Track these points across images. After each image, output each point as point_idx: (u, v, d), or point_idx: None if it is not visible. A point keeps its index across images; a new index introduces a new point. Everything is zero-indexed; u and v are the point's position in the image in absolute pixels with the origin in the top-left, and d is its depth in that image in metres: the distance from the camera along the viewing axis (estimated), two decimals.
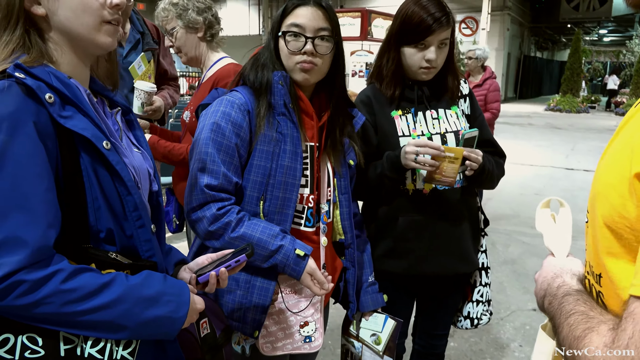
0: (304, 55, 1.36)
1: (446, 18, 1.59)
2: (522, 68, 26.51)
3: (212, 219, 1.32)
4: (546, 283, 0.86)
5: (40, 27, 0.93)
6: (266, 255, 1.33)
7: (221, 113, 1.35)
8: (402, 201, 1.68)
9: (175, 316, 0.94)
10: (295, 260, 1.34)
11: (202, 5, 2.11)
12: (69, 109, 0.90)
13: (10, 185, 0.81)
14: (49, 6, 0.92)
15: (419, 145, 1.53)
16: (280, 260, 1.34)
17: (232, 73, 2.05)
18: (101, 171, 0.93)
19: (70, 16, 0.92)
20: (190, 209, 1.35)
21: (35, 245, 0.82)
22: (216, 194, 1.32)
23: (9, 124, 0.82)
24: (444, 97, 1.74)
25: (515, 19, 23.31)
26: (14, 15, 0.89)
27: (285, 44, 1.37)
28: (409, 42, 1.63)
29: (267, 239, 1.33)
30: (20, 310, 0.83)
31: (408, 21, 1.61)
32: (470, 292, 1.86)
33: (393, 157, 1.61)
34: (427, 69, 1.64)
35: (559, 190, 6.64)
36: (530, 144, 10.78)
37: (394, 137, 1.68)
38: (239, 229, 1.32)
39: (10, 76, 0.85)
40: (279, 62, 1.40)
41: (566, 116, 17.89)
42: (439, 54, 1.63)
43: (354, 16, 10.67)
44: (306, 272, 1.35)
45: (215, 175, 1.32)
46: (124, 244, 0.98)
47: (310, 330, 1.44)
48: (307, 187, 1.43)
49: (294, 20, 1.36)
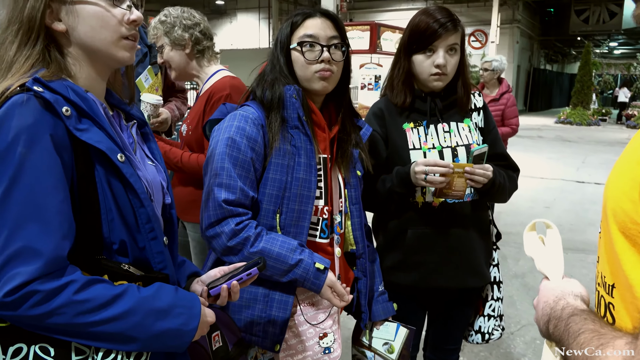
0: (322, 64, 1.39)
1: (452, 23, 1.62)
2: (532, 81, 26.43)
3: (230, 235, 1.31)
4: (549, 307, 0.83)
5: (59, 42, 0.96)
6: (285, 270, 1.33)
7: (235, 128, 1.36)
8: (412, 214, 1.69)
9: (186, 329, 0.95)
10: (315, 274, 1.34)
11: (190, 22, 2.12)
12: (85, 122, 0.92)
13: (26, 196, 0.83)
14: (69, 22, 0.94)
15: (428, 164, 1.55)
16: (300, 274, 1.34)
17: (228, 86, 2.07)
18: (115, 183, 0.95)
19: (90, 32, 0.95)
20: (208, 224, 1.33)
21: (50, 256, 0.84)
22: (234, 209, 1.32)
23: (27, 137, 0.84)
24: (456, 109, 1.75)
25: (525, 31, 23.32)
26: (35, 30, 0.92)
27: (301, 54, 1.39)
28: (417, 49, 1.65)
29: (287, 253, 1.33)
30: (34, 320, 0.84)
31: (416, 29, 1.65)
32: (482, 306, 1.85)
33: (402, 173, 1.62)
34: (437, 76, 1.65)
35: (569, 204, 6.59)
36: (540, 156, 10.72)
37: (404, 150, 1.69)
38: (257, 244, 1.32)
39: (29, 90, 0.87)
40: (291, 75, 1.41)
41: (577, 129, 17.79)
42: (448, 59, 1.64)
43: (363, 29, 10.74)
44: (326, 285, 1.36)
45: (233, 190, 1.32)
46: (137, 256, 0.99)
47: (329, 342, 1.45)
48: (321, 198, 1.44)
49: (305, 31, 1.39)
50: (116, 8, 0.96)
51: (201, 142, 2.07)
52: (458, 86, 1.73)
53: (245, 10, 25.16)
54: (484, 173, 1.58)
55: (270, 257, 1.32)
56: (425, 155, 1.68)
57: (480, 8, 20.83)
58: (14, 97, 0.86)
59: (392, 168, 1.68)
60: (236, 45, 24.81)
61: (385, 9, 22.79)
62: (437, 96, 1.72)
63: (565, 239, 5.05)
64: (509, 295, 3.76)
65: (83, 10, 0.94)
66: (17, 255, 0.82)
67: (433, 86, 1.68)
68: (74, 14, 0.94)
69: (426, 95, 1.72)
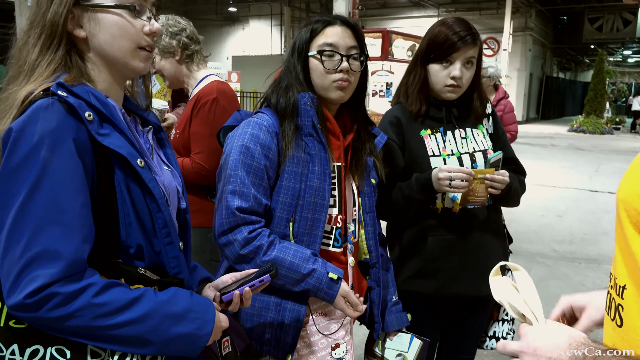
0: (340, 74, 1.38)
1: (471, 37, 1.63)
2: (545, 89, 26.29)
3: (243, 243, 1.30)
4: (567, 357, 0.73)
5: (79, 48, 0.98)
6: (298, 279, 1.32)
7: (249, 135, 1.35)
8: (431, 220, 1.69)
9: (200, 333, 0.95)
10: (328, 284, 1.33)
11: (175, 29, 2.13)
12: (107, 127, 0.94)
13: (49, 199, 0.85)
14: (90, 29, 0.96)
15: (452, 171, 1.56)
16: (312, 284, 1.32)
17: (215, 90, 2.08)
18: (134, 188, 0.96)
19: (109, 40, 0.97)
20: (221, 232, 1.32)
21: (70, 259, 0.85)
22: (247, 217, 1.31)
23: (51, 141, 0.86)
24: (469, 117, 1.77)
25: (538, 39, 23.22)
26: (57, 35, 0.93)
27: (320, 63, 1.38)
28: (435, 59, 1.67)
29: (299, 262, 1.32)
30: (53, 322, 0.85)
31: (434, 39, 1.66)
32: (497, 311, 1.86)
33: (423, 180, 1.62)
34: (452, 87, 1.66)
35: (582, 213, 6.52)
36: (552, 165, 10.64)
37: (424, 157, 1.69)
38: (270, 253, 1.31)
39: (53, 94, 0.89)
40: (306, 83, 1.41)
41: (590, 137, 17.64)
42: (464, 72, 1.66)
43: (374, 37, 10.75)
44: (340, 295, 1.34)
45: (246, 198, 1.31)
46: (153, 260, 1.00)
47: (341, 352, 1.43)
48: (335, 207, 1.43)
49: (325, 39, 1.39)
50: (137, 19, 0.98)
51: (187, 145, 2.08)
52: (474, 98, 1.75)
53: (257, 18, 25.33)
54: (502, 179, 1.60)
55: (283, 266, 1.30)
56: (445, 162, 1.69)
57: (493, 15, 20.79)
58: (39, 101, 0.88)
59: (411, 175, 1.68)
60: (248, 51, 24.96)
61: (397, 16, 22.83)
62: (452, 105, 1.74)
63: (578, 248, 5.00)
64: None
65: (105, 18, 0.96)
66: (38, 257, 0.83)
67: (446, 97, 1.70)
68: (95, 21, 0.96)
69: (440, 103, 1.73)
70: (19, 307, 0.83)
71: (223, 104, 2.08)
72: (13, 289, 0.83)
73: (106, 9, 0.95)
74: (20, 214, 0.84)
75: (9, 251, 0.84)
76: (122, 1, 0.96)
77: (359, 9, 10.84)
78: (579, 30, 23.79)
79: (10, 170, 0.85)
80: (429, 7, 21.41)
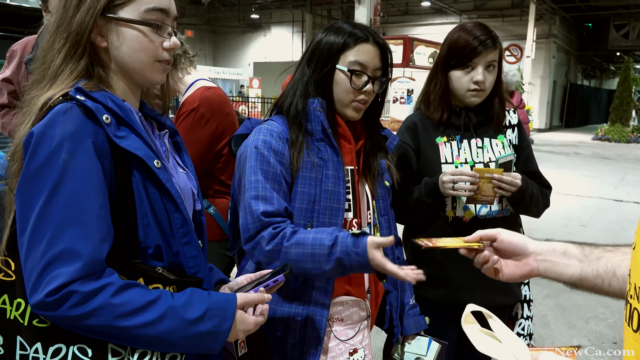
0: (362, 95, 1.38)
1: (492, 40, 1.63)
2: (569, 96, 25.92)
3: (268, 239, 1.28)
4: None
5: (100, 56, 1.00)
6: (326, 254, 1.24)
7: (262, 142, 1.35)
8: (442, 228, 1.67)
9: (219, 330, 0.96)
10: (354, 243, 1.22)
11: None
12: (124, 130, 0.96)
13: (69, 201, 0.87)
14: (111, 40, 0.99)
15: (455, 174, 1.56)
16: (340, 250, 1.23)
17: (197, 99, 2.05)
18: (151, 189, 0.98)
19: (129, 52, 0.99)
20: (247, 237, 1.31)
21: (89, 258, 0.87)
22: (272, 219, 1.30)
23: (70, 143, 0.88)
24: (490, 125, 1.75)
25: (562, 46, 22.94)
26: (82, 44, 0.96)
27: (348, 79, 1.36)
28: (456, 65, 1.66)
29: (321, 235, 1.26)
30: (72, 320, 0.87)
31: (454, 45, 1.65)
32: (512, 325, 1.82)
33: (431, 184, 1.62)
34: (475, 92, 1.65)
35: (606, 222, 6.40)
36: (576, 173, 10.47)
37: (437, 164, 1.69)
38: (293, 237, 1.27)
39: (72, 98, 0.91)
40: (321, 89, 1.39)
41: (615, 146, 17.31)
42: (487, 76, 1.65)
43: (396, 43, 10.76)
44: (370, 247, 1.21)
45: (270, 202, 1.30)
46: (171, 260, 1.01)
47: (359, 358, 1.43)
48: (350, 211, 1.43)
49: (357, 57, 1.36)
50: (157, 35, 1.01)
51: None
52: (495, 102, 1.73)
53: (279, 24, 25.55)
54: (511, 181, 1.58)
55: (307, 245, 1.25)
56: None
57: (516, 22, 20.62)
58: (58, 106, 0.91)
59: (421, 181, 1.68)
60: (269, 58, 25.17)
61: (419, 23, 22.79)
62: (471, 110, 1.72)
63: None
64: (542, 315, 3.66)
65: (127, 32, 0.98)
66: (58, 256, 0.85)
67: (470, 102, 1.69)
68: (117, 33, 0.98)
69: (461, 110, 1.72)
70: (40, 306, 0.85)
71: (202, 112, 2.04)
72: (35, 288, 0.85)
73: (129, 24, 0.98)
74: (41, 215, 0.86)
75: (31, 251, 0.86)
76: (145, 18, 0.98)
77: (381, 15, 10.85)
78: (604, 37, 23.43)
79: (32, 173, 0.87)
80: (450, 13, 21.33)
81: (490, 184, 1.57)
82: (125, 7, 0.97)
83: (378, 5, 10.48)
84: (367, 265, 1.22)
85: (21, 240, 0.88)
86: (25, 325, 0.92)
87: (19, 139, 0.93)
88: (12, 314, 0.94)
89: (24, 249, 0.87)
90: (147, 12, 0.98)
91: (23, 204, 0.88)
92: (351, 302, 1.43)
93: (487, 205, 1.68)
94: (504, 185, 1.58)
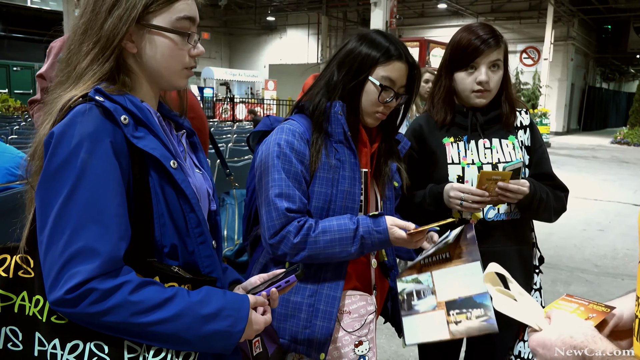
0: (384, 107, 1.44)
1: (494, 39, 1.60)
2: (587, 99, 25.60)
3: (295, 232, 1.36)
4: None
5: (126, 61, 1.01)
6: (352, 236, 1.37)
7: (284, 141, 1.40)
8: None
9: (233, 330, 0.97)
10: (374, 222, 1.39)
11: None
12: (141, 130, 0.97)
13: (88, 199, 0.88)
14: (141, 46, 1.00)
15: (464, 191, 1.55)
16: (362, 230, 1.38)
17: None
18: (167, 189, 0.99)
19: (160, 59, 1.01)
20: (272, 233, 1.38)
21: (107, 256, 0.88)
22: (295, 215, 1.38)
23: (89, 143, 0.90)
24: (499, 125, 1.72)
25: (580, 49, 22.67)
26: (111, 49, 0.97)
27: (377, 92, 1.42)
28: (459, 66, 1.65)
29: (344, 221, 1.39)
30: (91, 317, 0.88)
31: (457, 46, 1.64)
32: (522, 331, 1.79)
33: (436, 193, 1.63)
34: (480, 92, 1.64)
35: (625, 227, 6.29)
36: (595, 177, 10.32)
37: (443, 164, 1.69)
38: (318, 227, 1.38)
39: (91, 99, 0.93)
40: (349, 95, 1.43)
41: (635, 149, 17.03)
42: (491, 75, 1.63)
43: (412, 45, 10.74)
44: (390, 225, 1.39)
45: (293, 200, 1.37)
46: (186, 259, 1.02)
47: (364, 350, 1.46)
48: (360, 211, 1.49)
49: (389, 74, 1.41)
50: (186, 43, 1.03)
51: None
52: (502, 102, 1.71)
53: (295, 27, 25.64)
54: (517, 189, 1.55)
55: (333, 231, 1.37)
56: (463, 171, 1.67)
57: (534, 24, 20.41)
58: (78, 107, 0.92)
59: (429, 181, 1.68)
60: (285, 60, 25.27)
61: (435, 25, 22.70)
62: (478, 110, 1.70)
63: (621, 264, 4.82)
64: None
65: (159, 39, 1.00)
66: (78, 254, 0.87)
67: (475, 103, 1.67)
68: (150, 40, 1.00)
69: (467, 110, 1.71)
70: (59, 303, 0.87)
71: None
72: (54, 285, 0.87)
73: (162, 32, 1.00)
74: (61, 213, 0.88)
75: (50, 249, 0.88)
76: (176, 26, 1.01)
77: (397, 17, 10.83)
78: (624, 39, 23.12)
79: (52, 172, 0.89)
80: (467, 16, 21.20)
81: (495, 185, 1.53)
82: (158, 15, 0.99)
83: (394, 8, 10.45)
84: (388, 241, 1.39)
85: (41, 237, 0.89)
86: (44, 321, 0.94)
87: (40, 138, 0.94)
88: (30, 311, 0.95)
89: (43, 247, 0.89)
90: (178, 20, 1.01)
91: (43, 202, 0.89)
92: (359, 296, 1.49)
93: (495, 208, 1.67)
94: (509, 194, 1.55)
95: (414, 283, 1.46)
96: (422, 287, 1.44)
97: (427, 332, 1.40)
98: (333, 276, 1.44)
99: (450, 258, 1.42)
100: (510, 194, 1.55)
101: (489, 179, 1.52)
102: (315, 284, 1.43)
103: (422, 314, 1.41)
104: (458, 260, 1.41)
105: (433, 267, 1.44)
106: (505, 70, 1.67)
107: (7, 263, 0.97)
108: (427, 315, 1.40)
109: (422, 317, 1.41)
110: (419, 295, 1.44)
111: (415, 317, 1.42)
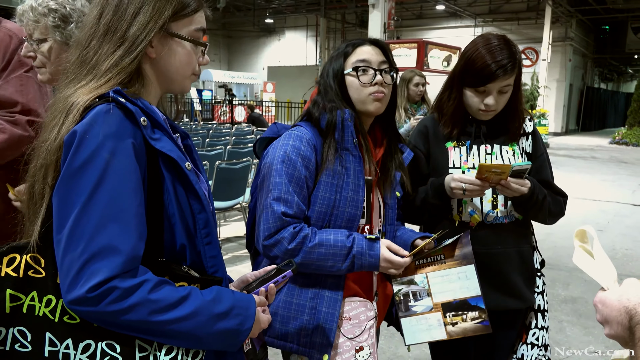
0: (376, 86, 1.46)
1: (512, 65, 1.58)
2: (585, 100, 25.64)
3: (290, 238, 1.39)
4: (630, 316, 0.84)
5: (142, 65, 1.04)
6: (345, 253, 1.41)
7: (291, 147, 1.44)
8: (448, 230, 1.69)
9: (242, 328, 1.00)
10: (369, 245, 1.42)
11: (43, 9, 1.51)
12: (157, 132, 1.00)
13: (110, 198, 0.90)
14: (160, 52, 1.03)
15: (464, 181, 1.58)
16: (356, 250, 1.41)
17: None
18: (180, 190, 1.01)
19: (177, 65, 1.06)
20: (267, 235, 1.41)
21: (128, 255, 0.89)
22: (291, 220, 1.41)
23: (112, 143, 0.91)
24: (505, 137, 1.74)
25: (578, 49, 22.70)
26: (134, 54, 0.99)
27: (356, 78, 1.47)
28: (470, 84, 1.64)
29: (341, 238, 1.42)
30: (110, 316, 0.88)
31: (471, 64, 1.61)
32: (525, 334, 1.80)
33: (437, 185, 1.65)
34: (485, 112, 1.66)
35: (624, 228, 6.32)
36: (593, 178, 10.34)
37: (444, 168, 1.72)
38: (314, 238, 1.41)
39: (112, 100, 0.94)
40: (345, 100, 1.48)
41: (633, 150, 17.07)
42: (498, 99, 1.63)
43: (410, 47, 10.75)
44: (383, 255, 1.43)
45: (290, 205, 1.40)
46: (193, 259, 1.04)
47: (365, 355, 1.48)
48: (363, 218, 1.51)
49: (358, 57, 1.49)
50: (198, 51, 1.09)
51: None
52: (510, 116, 1.71)
53: (293, 29, 25.66)
54: (517, 188, 1.57)
55: (329, 245, 1.40)
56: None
57: (532, 25, 20.46)
58: (99, 107, 0.93)
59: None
60: (284, 62, 25.29)
61: (433, 26, 22.73)
62: (483, 122, 1.72)
63: (620, 264, 4.84)
64: (559, 321, 3.64)
65: (177, 47, 1.05)
66: (100, 252, 0.88)
67: (480, 118, 1.70)
68: (169, 47, 1.04)
69: (473, 119, 1.73)
70: (80, 301, 0.87)
71: None
72: (75, 283, 0.87)
73: (182, 41, 1.05)
74: (83, 211, 0.88)
75: (70, 247, 0.88)
76: (193, 35, 1.06)
77: (395, 19, 10.85)
78: (622, 39, 23.17)
79: (74, 171, 0.90)
80: (465, 17, 21.24)
81: (497, 176, 1.55)
82: (180, 24, 1.04)
83: (392, 9, 10.46)
84: (377, 266, 1.44)
85: (59, 236, 0.89)
86: (56, 321, 0.94)
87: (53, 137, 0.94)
88: (41, 311, 0.95)
89: (61, 245, 0.88)
90: (195, 31, 1.06)
91: (63, 201, 0.90)
92: (359, 302, 1.51)
93: (494, 211, 1.69)
94: (508, 192, 1.58)
95: (409, 284, 1.54)
96: (417, 289, 1.53)
97: (425, 333, 1.51)
98: (334, 279, 1.46)
99: (444, 260, 1.52)
100: (508, 191, 1.58)
101: (488, 171, 1.54)
102: (317, 287, 1.46)
103: (420, 315, 1.52)
104: (452, 262, 1.52)
105: (428, 268, 1.53)
106: (518, 88, 1.67)
107: (17, 262, 0.96)
108: (424, 316, 1.51)
109: (420, 318, 1.52)
110: (415, 296, 1.53)
111: (413, 318, 1.52)
